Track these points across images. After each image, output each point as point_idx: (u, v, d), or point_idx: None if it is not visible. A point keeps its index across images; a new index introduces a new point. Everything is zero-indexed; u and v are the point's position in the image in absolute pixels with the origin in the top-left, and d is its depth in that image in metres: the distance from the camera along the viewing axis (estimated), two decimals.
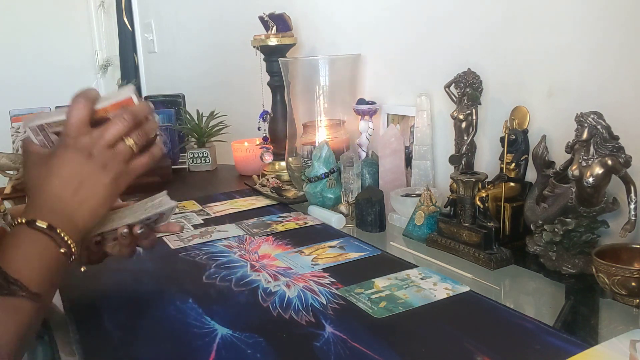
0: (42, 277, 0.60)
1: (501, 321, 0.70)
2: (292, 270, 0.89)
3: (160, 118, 1.84)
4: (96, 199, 0.66)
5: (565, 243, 0.83)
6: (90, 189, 0.66)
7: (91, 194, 0.66)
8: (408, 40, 1.25)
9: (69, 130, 0.66)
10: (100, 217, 0.68)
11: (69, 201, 0.65)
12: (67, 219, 0.64)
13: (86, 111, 0.67)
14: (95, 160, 0.66)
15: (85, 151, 0.66)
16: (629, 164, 0.77)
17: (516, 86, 1.01)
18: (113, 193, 0.68)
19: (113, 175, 0.67)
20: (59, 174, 0.65)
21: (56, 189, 0.65)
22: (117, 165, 0.67)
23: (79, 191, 0.65)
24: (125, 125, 0.67)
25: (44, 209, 0.64)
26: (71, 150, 0.66)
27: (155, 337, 0.71)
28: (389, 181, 1.17)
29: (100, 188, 0.66)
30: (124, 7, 3.07)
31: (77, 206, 0.65)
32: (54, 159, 0.66)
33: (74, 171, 0.65)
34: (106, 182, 0.67)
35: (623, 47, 0.84)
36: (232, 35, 2.03)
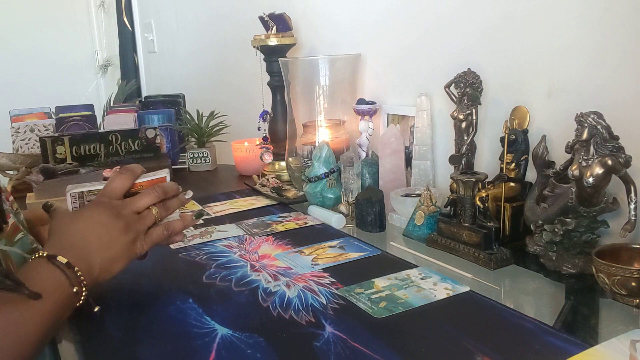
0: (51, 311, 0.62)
1: (501, 321, 0.70)
2: (292, 270, 0.89)
3: (160, 118, 1.84)
4: (114, 252, 0.71)
5: (565, 243, 0.83)
6: (111, 242, 0.71)
7: (111, 246, 0.71)
8: (408, 40, 1.25)
9: (105, 192, 0.75)
10: (113, 272, 0.72)
11: (91, 245, 0.69)
12: (85, 262, 0.68)
13: (127, 183, 0.76)
14: (122, 220, 0.72)
15: (115, 210, 0.73)
16: (629, 164, 0.77)
17: (516, 86, 1.01)
18: (129, 253, 0.73)
19: (133, 236, 0.73)
20: (87, 219, 0.71)
21: (82, 231, 0.70)
22: (138, 228, 0.74)
23: (101, 240, 0.70)
24: (155, 197, 0.76)
25: (65, 247, 0.68)
26: (102, 206, 0.73)
27: (155, 337, 0.71)
28: (389, 181, 1.17)
29: (120, 244, 0.72)
30: (124, 7, 3.08)
31: (96, 252, 0.70)
32: (84, 209, 0.74)
33: (101, 221, 0.71)
34: (126, 240, 0.72)
35: (623, 47, 0.84)
36: (232, 35, 2.03)
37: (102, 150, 1.57)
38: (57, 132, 1.71)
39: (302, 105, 1.41)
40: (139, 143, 1.61)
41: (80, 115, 1.80)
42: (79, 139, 1.55)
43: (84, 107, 1.95)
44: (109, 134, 1.58)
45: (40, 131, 1.75)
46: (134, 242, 0.73)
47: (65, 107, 1.93)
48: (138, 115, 1.86)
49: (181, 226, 0.79)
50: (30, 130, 1.75)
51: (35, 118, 1.85)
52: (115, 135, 1.58)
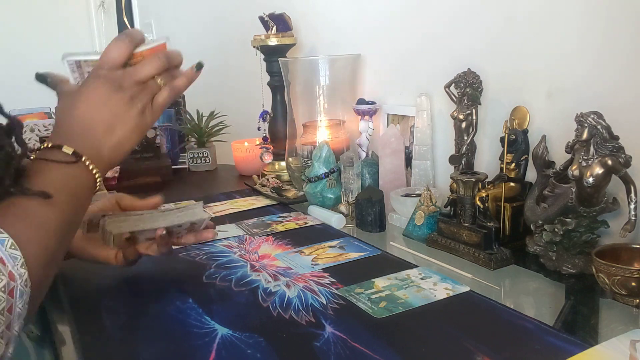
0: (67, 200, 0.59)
1: (501, 321, 0.70)
2: (292, 270, 0.89)
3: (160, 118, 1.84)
4: (123, 130, 0.66)
5: (565, 243, 0.83)
6: (118, 119, 0.65)
7: (118, 124, 0.66)
8: (408, 40, 1.25)
9: (103, 64, 0.67)
10: (126, 151, 0.67)
11: (96, 129, 0.64)
12: (93, 147, 0.63)
13: (126, 51, 0.67)
14: (125, 92, 0.66)
15: (116, 82, 0.66)
16: (629, 164, 0.77)
17: (516, 86, 1.01)
18: (140, 126, 0.68)
19: (140, 108, 0.67)
20: (87, 100, 0.65)
21: (83, 116, 0.64)
22: (144, 98, 0.68)
23: (105, 119, 0.65)
24: (160, 65, 0.68)
25: (70, 136, 0.63)
26: (102, 80, 0.66)
27: (155, 337, 0.71)
28: (389, 181, 1.17)
29: (127, 119, 0.66)
30: (124, 7, 3.08)
31: (103, 135, 0.65)
32: (83, 87, 0.66)
33: (102, 99, 0.65)
34: (133, 113, 0.66)
35: (623, 47, 0.84)
36: (232, 36, 2.03)
37: None
38: None
39: (302, 105, 1.41)
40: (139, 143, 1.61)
41: None
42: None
43: None
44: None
45: (40, 131, 1.75)
46: (143, 113, 0.68)
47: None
48: None
49: (185, 82, 0.72)
50: (30, 130, 1.75)
51: (35, 118, 1.85)
52: None
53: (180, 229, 0.84)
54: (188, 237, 0.87)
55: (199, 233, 0.87)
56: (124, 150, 0.67)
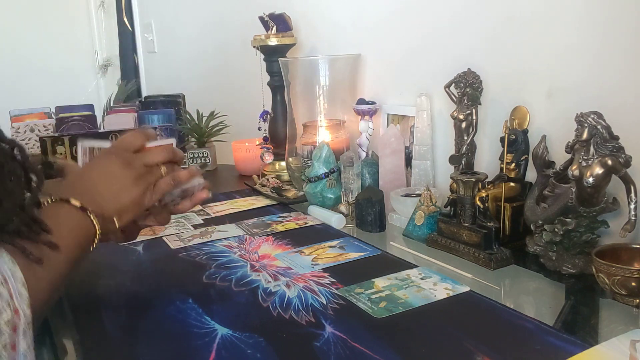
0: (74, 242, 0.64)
1: (501, 321, 0.70)
2: (292, 270, 0.89)
3: (160, 118, 1.84)
4: (125, 202, 0.72)
5: (565, 243, 0.83)
6: (122, 191, 0.72)
7: (122, 194, 0.72)
8: (408, 40, 1.25)
9: (117, 145, 0.75)
10: (122, 221, 0.72)
11: (102, 191, 0.70)
12: (97, 207, 0.68)
13: (139, 141, 0.76)
14: (133, 171, 0.73)
15: (126, 161, 0.73)
16: (629, 164, 0.77)
17: (516, 86, 1.01)
18: (138, 203, 0.73)
19: (143, 188, 0.73)
20: (99, 169, 0.73)
21: (94, 178, 0.71)
22: (148, 179, 0.74)
23: (113, 187, 0.71)
24: (166, 156, 0.76)
25: (78, 192, 0.68)
26: (115, 156, 0.73)
27: (155, 337, 0.71)
28: (389, 181, 1.17)
29: (130, 193, 0.72)
30: (124, 7, 3.08)
31: (108, 200, 0.70)
32: (97, 159, 0.75)
33: (113, 171, 0.72)
34: (137, 190, 0.73)
35: (623, 47, 0.84)
36: (232, 36, 2.03)
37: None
38: (57, 132, 1.71)
39: (302, 105, 1.41)
40: None
41: (80, 116, 1.80)
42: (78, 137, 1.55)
43: (84, 107, 1.95)
44: (109, 134, 1.58)
45: (40, 131, 1.75)
46: (144, 193, 0.73)
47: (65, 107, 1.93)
48: (138, 115, 1.86)
49: (187, 175, 0.79)
50: (30, 130, 1.76)
51: (35, 118, 1.85)
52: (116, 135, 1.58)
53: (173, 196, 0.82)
54: (184, 204, 0.85)
55: (194, 196, 0.86)
56: (121, 220, 0.72)
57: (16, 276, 0.54)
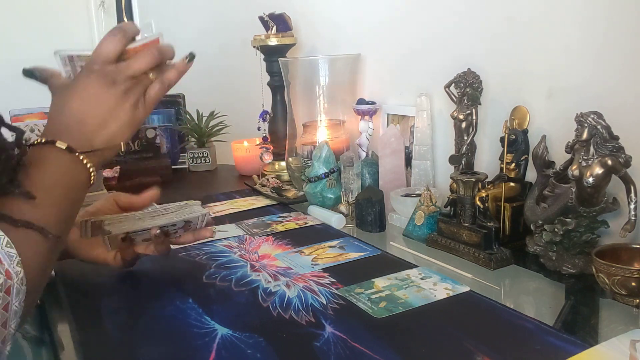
0: (63, 195, 0.61)
1: (501, 321, 0.70)
2: (292, 270, 0.89)
3: (160, 118, 1.84)
4: (116, 124, 0.66)
5: (565, 243, 0.83)
6: (111, 114, 0.66)
7: (111, 118, 0.66)
8: (408, 40, 1.25)
9: (96, 58, 0.67)
10: (118, 145, 0.67)
11: (88, 123, 0.65)
12: (86, 142, 0.64)
13: (119, 45, 0.67)
14: (118, 87, 0.66)
15: (109, 77, 0.66)
16: (629, 164, 0.77)
17: (516, 86, 1.01)
18: (133, 121, 0.68)
19: (133, 102, 0.67)
20: (80, 96, 0.65)
21: (76, 111, 0.65)
22: (137, 92, 0.68)
23: (99, 114, 0.65)
24: (152, 60, 0.68)
25: (62, 131, 0.64)
26: (95, 75, 0.66)
27: (155, 337, 0.71)
28: (389, 181, 1.17)
29: (121, 114, 0.66)
30: (124, 7, 3.08)
31: (96, 129, 0.65)
32: (76, 82, 0.67)
33: (95, 94, 0.65)
34: (127, 108, 0.67)
35: (623, 47, 0.84)
36: (232, 35, 2.03)
37: None
38: None
39: (302, 105, 1.41)
40: (138, 143, 1.61)
41: None
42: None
43: None
44: None
45: (40, 131, 1.75)
46: (136, 107, 0.68)
47: None
48: None
49: (176, 75, 0.72)
50: (30, 130, 1.75)
51: (35, 118, 1.85)
52: None
53: (176, 227, 0.83)
54: (186, 236, 0.87)
55: (197, 232, 0.87)
56: (116, 144, 0.67)
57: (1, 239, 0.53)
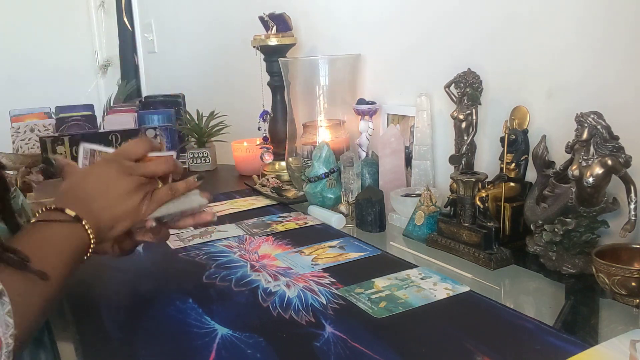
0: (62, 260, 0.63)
1: (501, 321, 0.70)
2: (292, 270, 0.89)
3: (160, 118, 1.84)
4: (121, 210, 0.71)
5: (565, 243, 0.83)
6: (118, 200, 0.71)
7: (119, 203, 0.71)
8: (408, 40, 1.25)
9: (120, 153, 0.75)
10: (116, 231, 0.72)
11: (98, 200, 0.69)
12: (92, 217, 0.68)
13: (142, 150, 0.75)
14: (132, 180, 0.72)
15: (126, 169, 0.72)
16: (629, 164, 0.77)
17: (516, 86, 1.01)
18: (135, 213, 0.72)
19: (142, 195, 0.73)
20: (98, 175, 0.72)
21: (91, 188, 0.70)
22: (145, 189, 0.73)
23: (110, 197, 0.70)
24: (167, 167, 0.75)
25: (73, 201, 0.68)
26: (115, 164, 0.72)
27: (155, 337, 0.71)
28: (389, 181, 1.17)
29: (128, 201, 0.71)
30: (124, 7, 3.08)
31: (104, 208, 0.70)
32: (95, 166, 0.74)
33: (111, 178, 0.71)
34: (134, 200, 0.72)
35: (623, 47, 0.84)
36: (232, 35, 2.03)
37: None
38: (57, 132, 1.71)
39: (302, 105, 1.41)
40: None
41: (80, 115, 1.80)
42: (79, 139, 1.55)
43: (84, 107, 1.94)
44: (109, 134, 1.58)
45: (40, 131, 1.75)
46: (141, 203, 0.73)
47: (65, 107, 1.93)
48: (138, 115, 1.85)
49: (185, 187, 0.78)
50: (30, 130, 1.75)
51: (35, 118, 1.85)
52: (116, 135, 1.58)
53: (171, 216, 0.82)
54: (186, 221, 0.85)
55: (197, 216, 0.86)
56: (118, 228, 0.71)
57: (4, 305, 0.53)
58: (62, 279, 0.62)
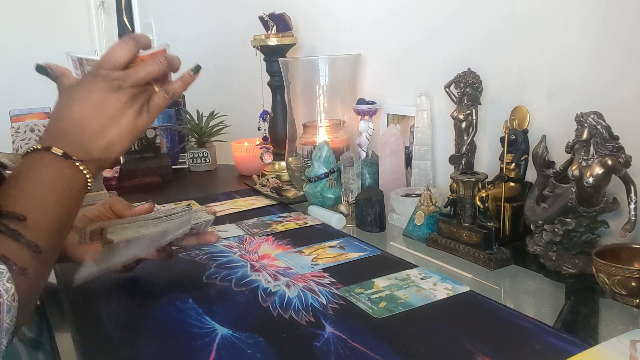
0: (58, 203, 0.60)
1: (501, 321, 0.70)
2: (292, 270, 0.89)
3: (160, 118, 1.84)
4: (116, 131, 0.65)
5: (565, 243, 0.83)
6: (111, 120, 0.64)
7: (112, 125, 0.64)
8: (408, 40, 1.25)
9: (104, 63, 0.65)
10: (117, 152, 0.66)
11: (87, 130, 0.63)
12: (82, 149, 0.62)
13: (129, 53, 0.66)
14: (123, 93, 0.65)
15: (115, 83, 0.64)
16: (629, 164, 0.77)
17: (516, 86, 1.01)
18: (135, 128, 0.66)
19: (137, 109, 0.66)
20: (83, 99, 0.64)
21: (77, 115, 0.63)
22: (142, 99, 0.67)
23: (99, 120, 0.64)
24: (159, 68, 0.67)
25: (60, 137, 0.62)
26: (102, 80, 0.64)
27: (155, 337, 0.71)
28: (389, 181, 1.17)
29: (122, 120, 0.65)
30: (124, 7, 3.07)
31: (94, 136, 0.63)
32: (81, 85, 0.65)
33: (99, 99, 0.64)
34: (130, 115, 0.65)
35: (623, 47, 0.84)
36: (232, 35, 2.03)
37: None
38: None
39: (302, 105, 1.41)
40: (139, 143, 1.61)
41: None
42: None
43: None
44: None
45: (40, 131, 1.75)
46: (139, 115, 0.66)
47: None
48: None
49: (182, 86, 0.71)
50: (30, 130, 1.75)
51: (35, 118, 1.84)
52: None
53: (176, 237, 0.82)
54: (190, 240, 0.86)
55: (202, 236, 0.87)
56: (115, 152, 0.65)
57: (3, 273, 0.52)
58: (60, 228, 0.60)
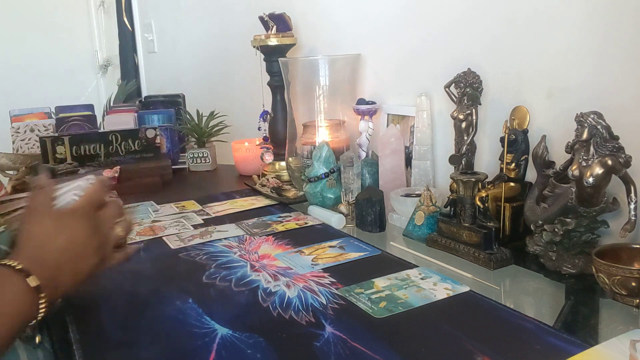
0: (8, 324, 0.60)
1: (501, 321, 0.70)
2: (292, 270, 0.89)
3: (160, 118, 1.84)
4: (83, 274, 0.70)
5: (565, 243, 0.83)
6: (83, 263, 0.70)
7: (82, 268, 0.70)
8: (408, 40, 1.26)
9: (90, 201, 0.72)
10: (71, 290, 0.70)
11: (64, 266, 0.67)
12: (53, 283, 0.65)
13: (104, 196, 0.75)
14: (96, 239, 0.71)
15: (94, 226, 0.71)
16: (629, 164, 0.77)
17: (516, 86, 1.01)
18: (92, 273, 0.72)
19: (101, 257, 0.72)
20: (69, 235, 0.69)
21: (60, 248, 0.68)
22: (106, 250, 0.73)
23: (76, 262, 0.69)
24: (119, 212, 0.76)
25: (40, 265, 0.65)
26: (85, 220, 0.71)
27: (155, 337, 0.71)
28: (389, 181, 1.17)
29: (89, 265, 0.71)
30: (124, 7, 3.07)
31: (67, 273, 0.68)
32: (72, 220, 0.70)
33: (80, 239, 0.70)
34: (94, 262, 0.71)
35: (623, 47, 0.84)
36: (232, 36, 2.03)
37: (102, 151, 1.57)
38: (57, 132, 1.71)
39: (302, 105, 1.41)
40: (139, 143, 1.61)
41: (80, 115, 1.80)
42: (79, 139, 1.55)
43: (84, 107, 1.94)
44: (109, 134, 1.58)
45: (40, 131, 1.75)
46: (100, 263, 0.73)
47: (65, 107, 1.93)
48: (138, 115, 1.86)
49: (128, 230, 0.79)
50: (30, 130, 1.75)
51: (35, 118, 1.85)
52: (115, 135, 1.58)
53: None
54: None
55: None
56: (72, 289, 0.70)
57: None
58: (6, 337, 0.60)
